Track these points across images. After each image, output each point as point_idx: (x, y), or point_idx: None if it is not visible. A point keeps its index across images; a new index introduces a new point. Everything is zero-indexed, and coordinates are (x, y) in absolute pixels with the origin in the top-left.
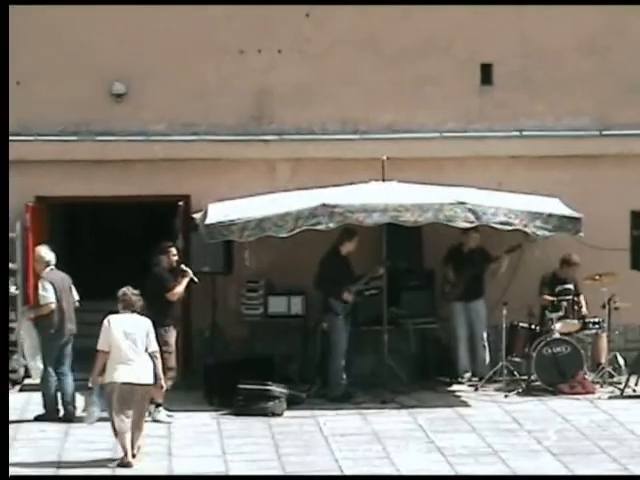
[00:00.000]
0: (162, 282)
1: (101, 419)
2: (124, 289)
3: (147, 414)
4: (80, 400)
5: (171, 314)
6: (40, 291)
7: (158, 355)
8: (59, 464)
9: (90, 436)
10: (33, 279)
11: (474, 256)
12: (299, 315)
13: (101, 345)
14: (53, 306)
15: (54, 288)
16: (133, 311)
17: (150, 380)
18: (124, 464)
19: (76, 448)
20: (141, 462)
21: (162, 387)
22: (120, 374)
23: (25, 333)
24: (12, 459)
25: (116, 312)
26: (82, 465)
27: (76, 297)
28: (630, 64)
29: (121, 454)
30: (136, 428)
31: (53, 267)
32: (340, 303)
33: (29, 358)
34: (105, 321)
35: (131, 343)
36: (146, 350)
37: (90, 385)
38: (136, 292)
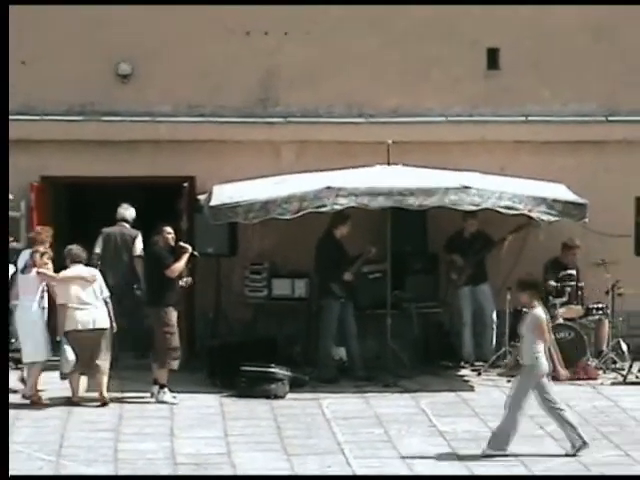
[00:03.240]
0: (159, 260)
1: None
2: (69, 246)
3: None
4: None
5: (171, 294)
6: None
7: (109, 300)
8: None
9: (92, 415)
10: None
11: (476, 240)
12: (303, 298)
13: (59, 299)
14: (94, 256)
15: (102, 241)
16: (79, 262)
17: (106, 324)
18: (73, 403)
19: (78, 428)
20: (144, 442)
21: (115, 329)
22: (77, 321)
23: None
24: (15, 438)
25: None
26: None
27: (136, 252)
28: (638, 50)
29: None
30: (97, 371)
31: (123, 223)
32: (340, 285)
33: None
34: (58, 277)
35: (83, 292)
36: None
37: (58, 338)
38: (80, 247)
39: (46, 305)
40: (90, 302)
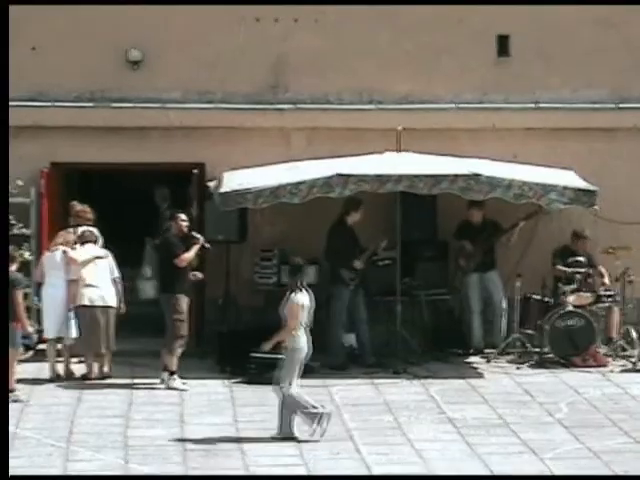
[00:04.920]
0: (171, 248)
1: (113, 385)
2: (81, 228)
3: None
4: None
5: (182, 282)
6: None
7: (120, 281)
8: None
9: (102, 402)
10: (47, 245)
11: (486, 227)
12: (312, 285)
13: (72, 275)
14: None
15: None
16: (92, 242)
17: (113, 302)
18: (87, 378)
19: (88, 415)
20: (154, 429)
21: (123, 310)
22: (87, 298)
23: (147, 257)
24: (25, 425)
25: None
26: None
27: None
28: None
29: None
30: (100, 346)
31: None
32: (350, 272)
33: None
34: (79, 260)
35: (95, 271)
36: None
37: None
38: (92, 230)
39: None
40: (100, 280)
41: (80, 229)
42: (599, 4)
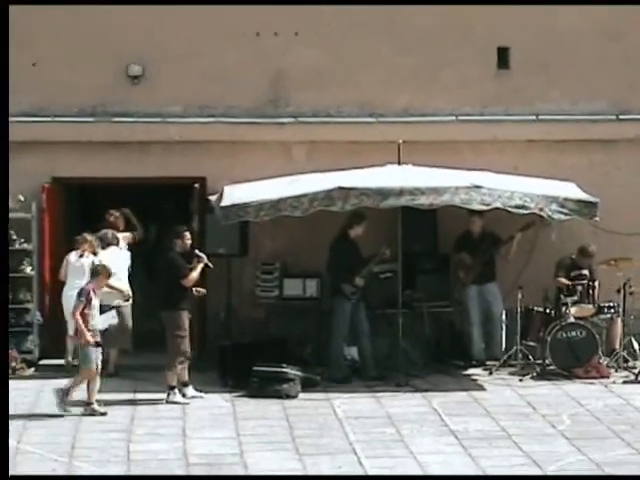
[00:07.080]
0: (176, 267)
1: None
2: (104, 230)
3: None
4: None
5: (185, 299)
6: None
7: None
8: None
9: (105, 417)
10: (49, 260)
11: (485, 239)
12: (314, 297)
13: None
14: None
15: None
16: (113, 245)
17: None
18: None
19: (91, 429)
20: (157, 443)
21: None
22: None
23: None
24: (28, 439)
25: None
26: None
27: None
28: None
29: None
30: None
31: None
32: (352, 286)
33: None
34: (94, 259)
35: (117, 273)
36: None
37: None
38: (114, 232)
39: None
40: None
41: (102, 232)
42: (598, 4)
